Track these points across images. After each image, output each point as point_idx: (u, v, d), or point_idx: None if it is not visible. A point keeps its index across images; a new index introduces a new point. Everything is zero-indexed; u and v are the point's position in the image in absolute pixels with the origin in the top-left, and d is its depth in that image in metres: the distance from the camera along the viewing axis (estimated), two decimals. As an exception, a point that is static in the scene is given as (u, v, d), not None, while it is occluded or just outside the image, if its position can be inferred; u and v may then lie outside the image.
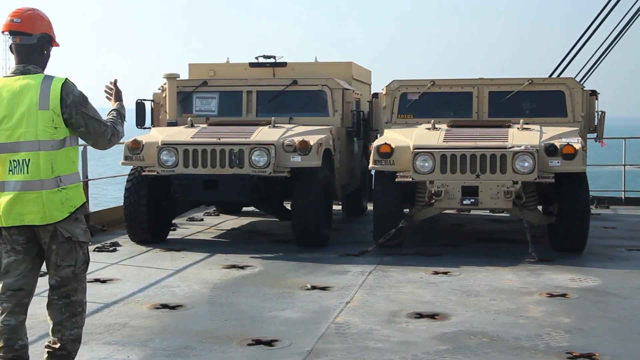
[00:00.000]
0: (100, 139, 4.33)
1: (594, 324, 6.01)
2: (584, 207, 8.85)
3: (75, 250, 4.24)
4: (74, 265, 4.25)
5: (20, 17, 4.26)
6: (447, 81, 10.64)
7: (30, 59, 4.27)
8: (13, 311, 4.21)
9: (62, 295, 4.27)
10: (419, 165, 8.79)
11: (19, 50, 4.28)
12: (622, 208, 13.84)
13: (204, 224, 11.78)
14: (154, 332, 5.76)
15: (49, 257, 4.24)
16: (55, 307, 4.28)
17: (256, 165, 8.95)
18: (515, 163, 8.62)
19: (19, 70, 4.24)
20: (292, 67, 11.39)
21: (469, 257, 8.81)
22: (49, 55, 4.38)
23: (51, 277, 4.27)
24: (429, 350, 5.31)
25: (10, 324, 4.20)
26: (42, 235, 4.21)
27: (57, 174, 4.15)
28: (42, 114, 4.12)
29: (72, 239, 4.22)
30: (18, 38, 4.25)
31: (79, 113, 4.20)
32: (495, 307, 6.55)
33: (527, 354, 5.27)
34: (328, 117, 10.54)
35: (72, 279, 4.27)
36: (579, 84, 10.57)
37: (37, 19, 4.30)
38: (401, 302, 6.73)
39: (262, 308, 6.50)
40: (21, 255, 4.24)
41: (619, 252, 9.26)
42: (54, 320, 4.28)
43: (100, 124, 4.29)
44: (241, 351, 5.33)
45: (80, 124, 4.22)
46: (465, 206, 8.88)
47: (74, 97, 4.19)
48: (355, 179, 11.85)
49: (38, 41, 4.28)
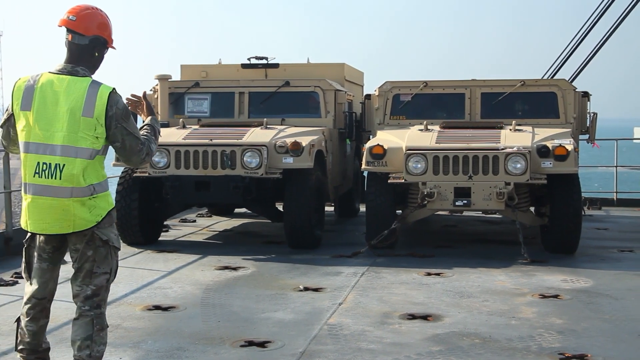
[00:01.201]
0: (134, 158, 4.14)
1: (586, 325, 6.02)
2: (576, 208, 8.87)
3: (110, 257, 4.09)
4: (109, 273, 4.08)
5: (77, 15, 4.09)
6: (440, 82, 10.65)
7: (80, 60, 4.08)
8: (35, 317, 4.12)
9: (94, 305, 4.04)
10: (411, 166, 8.80)
11: (70, 47, 4.09)
12: (614, 209, 13.88)
13: (197, 225, 11.77)
14: (146, 334, 5.75)
15: (82, 266, 4.05)
16: (86, 320, 4.01)
17: (248, 166, 8.93)
18: (507, 164, 8.63)
19: (67, 70, 4.04)
20: (284, 69, 11.35)
21: (461, 258, 8.82)
22: (101, 58, 4.19)
23: (85, 287, 4.04)
24: (421, 352, 5.31)
25: (32, 329, 4.12)
26: (75, 240, 4.03)
27: (89, 182, 3.96)
28: (85, 120, 3.93)
29: (108, 242, 4.06)
30: (71, 36, 4.08)
31: (118, 127, 4.00)
32: (488, 308, 6.56)
33: (520, 355, 5.27)
34: (320, 118, 10.51)
35: (104, 289, 4.08)
36: (572, 86, 10.59)
37: (93, 19, 4.12)
38: (394, 303, 6.73)
39: (255, 309, 6.49)
40: (46, 264, 4.10)
41: (611, 253, 9.29)
42: (83, 334, 4.00)
43: (138, 142, 4.09)
44: (234, 352, 5.32)
45: (117, 139, 4.03)
46: (458, 207, 8.88)
47: (117, 110, 3.99)
48: (347, 181, 11.84)
49: (90, 42, 4.09)
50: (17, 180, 34.81)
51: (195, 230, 11.27)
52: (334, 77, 11.25)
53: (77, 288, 4.06)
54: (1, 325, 5.98)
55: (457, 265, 8.40)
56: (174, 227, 11.38)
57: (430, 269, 8.19)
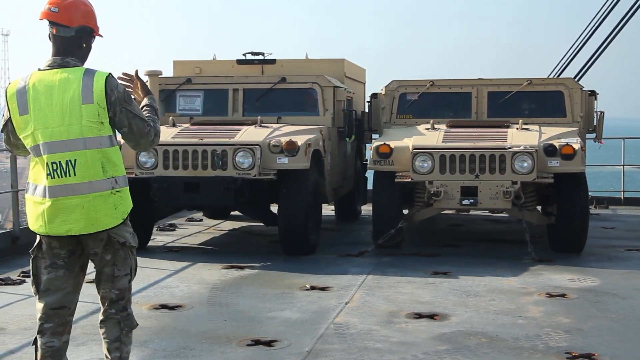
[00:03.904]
0: (144, 140, 3.95)
1: (593, 324, 6.01)
2: (583, 207, 8.85)
3: (129, 257, 3.92)
4: (129, 274, 3.93)
5: (58, 6, 3.85)
6: (446, 81, 10.64)
7: (68, 52, 3.85)
8: (56, 331, 3.86)
9: (120, 308, 3.91)
10: (418, 165, 8.79)
11: (55, 41, 3.87)
12: (621, 208, 13.85)
13: (203, 224, 11.78)
14: (153, 333, 5.76)
15: (101, 270, 3.89)
16: (113, 322, 3.89)
17: (240, 167, 8.45)
18: (514, 163, 8.62)
19: (57, 63, 3.83)
20: (281, 65, 10.86)
21: (468, 258, 8.81)
22: (89, 48, 3.97)
23: (108, 291, 3.89)
24: (428, 351, 5.31)
25: (54, 346, 3.84)
26: (92, 245, 3.84)
27: (111, 175, 3.79)
28: (87, 108, 3.72)
29: (126, 244, 3.89)
30: (55, 29, 3.85)
31: (123, 111, 3.81)
32: (495, 307, 6.56)
33: (526, 354, 5.26)
34: (318, 116, 9.98)
35: (127, 290, 3.94)
36: (578, 84, 10.57)
37: (76, 9, 3.88)
38: (400, 302, 6.73)
39: (262, 308, 6.50)
40: (62, 271, 3.85)
41: (618, 252, 9.27)
42: (112, 337, 3.88)
43: (145, 123, 3.90)
44: (240, 352, 5.33)
45: (123, 124, 3.84)
46: (465, 206, 8.87)
47: (118, 94, 3.81)
48: (347, 182, 11.36)
49: (76, 34, 3.87)
50: (23, 179, 34.70)
51: (202, 229, 11.28)
52: (334, 74, 10.80)
53: (101, 292, 3.93)
54: (8, 324, 5.99)
55: (464, 264, 8.40)
56: (180, 226, 11.40)
57: (437, 268, 8.19)
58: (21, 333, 5.73)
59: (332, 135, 10.08)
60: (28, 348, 5.37)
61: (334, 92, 10.11)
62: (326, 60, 11.30)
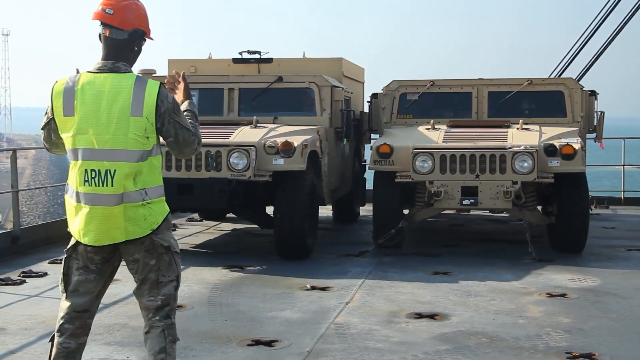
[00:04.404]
0: (187, 149, 3.87)
1: (594, 324, 6.01)
2: (583, 207, 8.86)
3: (175, 263, 3.80)
4: (175, 280, 3.80)
5: (114, 8, 3.76)
6: (447, 81, 10.65)
7: (119, 55, 3.77)
8: (75, 333, 3.78)
9: (164, 315, 3.77)
10: (418, 165, 8.79)
11: (107, 43, 3.77)
12: (621, 208, 13.85)
13: (204, 224, 11.78)
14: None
15: (146, 277, 3.76)
16: (158, 331, 3.75)
17: (235, 168, 8.23)
18: (514, 163, 8.62)
19: (107, 67, 3.72)
20: (278, 64, 10.62)
21: (468, 257, 8.81)
22: (139, 52, 3.88)
23: (154, 298, 3.76)
24: (428, 351, 5.31)
25: (69, 347, 3.77)
26: (133, 250, 3.74)
27: (141, 186, 3.68)
28: (134, 120, 3.63)
29: (170, 249, 3.78)
30: (108, 31, 3.76)
31: (171, 122, 3.73)
32: (495, 307, 6.56)
33: (527, 354, 5.27)
34: (315, 116, 9.72)
35: (172, 297, 3.79)
36: (579, 85, 10.57)
37: (131, 11, 3.80)
38: (401, 302, 6.73)
39: (262, 308, 6.50)
40: (93, 275, 3.77)
41: (618, 252, 9.27)
42: (156, 347, 3.74)
43: (190, 133, 3.81)
44: (241, 351, 5.33)
45: (170, 134, 3.76)
46: (465, 206, 8.88)
47: (168, 104, 3.72)
48: (345, 183, 11.12)
49: (129, 37, 3.78)
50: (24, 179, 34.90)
51: (202, 229, 11.29)
52: (332, 73, 10.57)
53: (144, 301, 3.79)
54: (9, 324, 6.00)
55: (464, 264, 8.40)
56: (181, 226, 11.40)
57: (437, 267, 8.19)
58: (21, 333, 5.73)
59: (329, 135, 9.88)
60: (28, 348, 5.38)
61: (331, 92, 9.88)
62: (324, 60, 11.06)
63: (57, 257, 8.64)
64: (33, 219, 36.72)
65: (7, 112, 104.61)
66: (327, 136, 9.75)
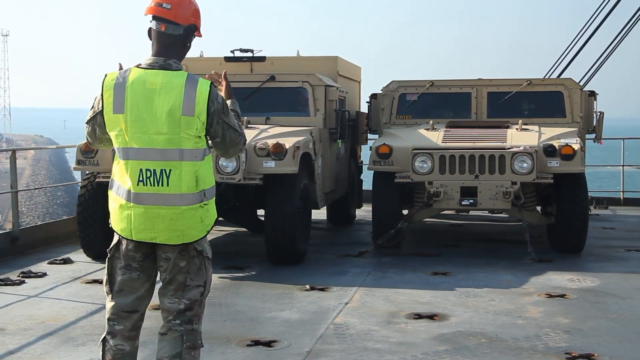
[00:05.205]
0: (233, 150, 3.79)
1: (593, 325, 6.02)
2: (583, 207, 8.86)
3: (205, 268, 3.73)
4: (203, 286, 3.73)
5: (171, 3, 3.68)
6: (446, 82, 10.65)
7: (171, 52, 3.69)
8: (129, 336, 3.72)
9: (186, 320, 3.69)
10: (417, 165, 8.80)
11: (160, 39, 3.69)
12: (620, 208, 13.85)
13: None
14: (152, 333, 5.73)
15: (173, 277, 3.69)
16: (175, 335, 3.67)
17: (224, 171, 7.91)
18: (514, 164, 8.62)
19: (159, 64, 3.64)
20: (271, 62, 10.24)
21: (467, 258, 8.81)
22: (190, 48, 3.82)
23: (178, 301, 3.69)
24: (427, 351, 5.31)
25: (124, 349, 3.71)
26: (167, 249, 3.67)
27: (202, 188, 3.65)
28: (186, 120, 3.56)
29: (203, 253, 3.72)
30: (164, 26, 3.67)
31: (219, 122, 3.67)
32: (494, 307, 6.56)
33: (526, 354, 5.27)
34: (309, 117, 9.42)
35: (197, 303, 3.72)
36: (578, 85, 10.58)
37: (187, 6, 3.73)
38: (400, 302, 6.73)
39: (261, 309, 6.50)
40: (137, 273, 3.71)
41: (617, 252, 9.27)
42: (172, 352, 3.65)
43: (237, 133, 3.74)
44: (240, 352, 5.33)
45: (217, 134, 3.70)
46: (464, 207, 8.88)
47: (217, 104, 3.65)
48: (340, 186, 10.72)
49: (184, 32, 3.71)
50: (23, 180, 34.80)
51: (202, 229, 11.24)
52: (326, 72, 10.24)
53: (167, 302, 3.72)
54: (8, 324, 6.00)
55: (463, 264, 8.40)
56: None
57: (437, 268, 8.19)
58: (21, 333, 5.73)
59: (323, 137, 9.55)
60: (27, 348, 5.38)
61: (325, 92, 9.56)
62: (318, 58, 10.73)
63: (56, 258, 8.65)
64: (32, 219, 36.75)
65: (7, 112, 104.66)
66: (321, 137, 9.47)
